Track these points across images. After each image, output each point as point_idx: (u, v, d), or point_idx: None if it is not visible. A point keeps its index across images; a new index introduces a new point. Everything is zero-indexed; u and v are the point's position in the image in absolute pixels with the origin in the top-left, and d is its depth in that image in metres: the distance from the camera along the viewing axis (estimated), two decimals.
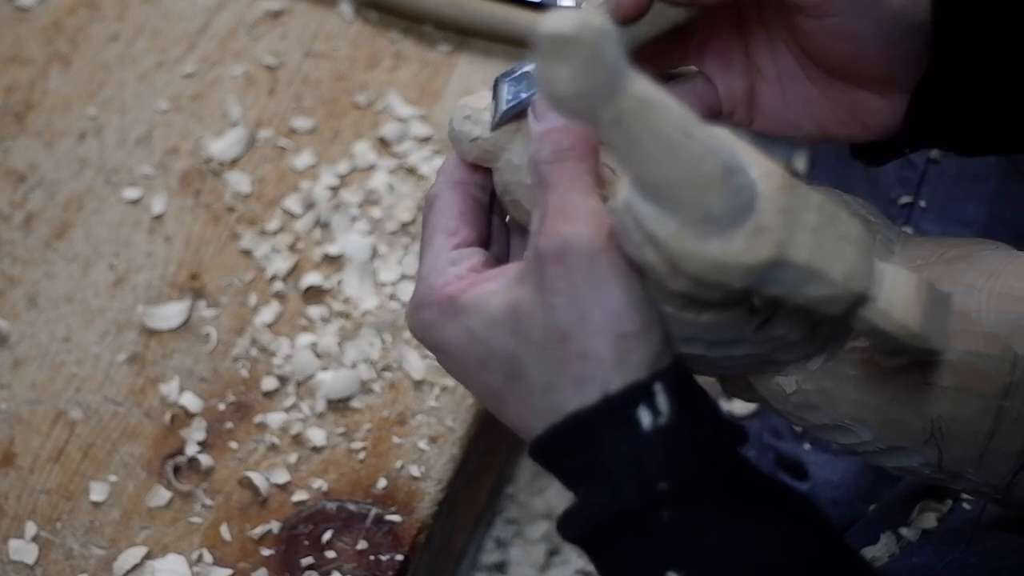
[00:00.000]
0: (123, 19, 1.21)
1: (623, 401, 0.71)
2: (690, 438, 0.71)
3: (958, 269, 0.78)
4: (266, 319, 1.07)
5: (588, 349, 0.71)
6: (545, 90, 0.63)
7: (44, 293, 1.08)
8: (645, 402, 0.71)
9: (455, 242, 0.78)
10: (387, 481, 1.00)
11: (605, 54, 0.62)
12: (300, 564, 0.97)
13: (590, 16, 0.62)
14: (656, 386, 0.71)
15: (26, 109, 1.17)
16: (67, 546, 0.98)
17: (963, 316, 0.76)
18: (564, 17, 0.62)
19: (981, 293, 0.77)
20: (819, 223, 0.69)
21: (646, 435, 0.71)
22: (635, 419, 0.71)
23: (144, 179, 1.13)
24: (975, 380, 0.76)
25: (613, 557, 0.72)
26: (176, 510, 1.00)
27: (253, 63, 1.18)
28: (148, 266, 1.09)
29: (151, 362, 1.05)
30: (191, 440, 1.02)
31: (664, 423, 0.71)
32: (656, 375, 0.72)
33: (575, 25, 0.62)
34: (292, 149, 1.14)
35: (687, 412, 0.72)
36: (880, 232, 0.80)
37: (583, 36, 0.62)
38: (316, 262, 1.09)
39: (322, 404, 1.03)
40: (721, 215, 0.67)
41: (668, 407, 0.71)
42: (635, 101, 0.64)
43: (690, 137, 0.65)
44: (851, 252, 0.69)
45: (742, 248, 0.67)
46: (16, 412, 1.03)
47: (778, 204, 0.68)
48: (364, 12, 1.21)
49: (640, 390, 0.71)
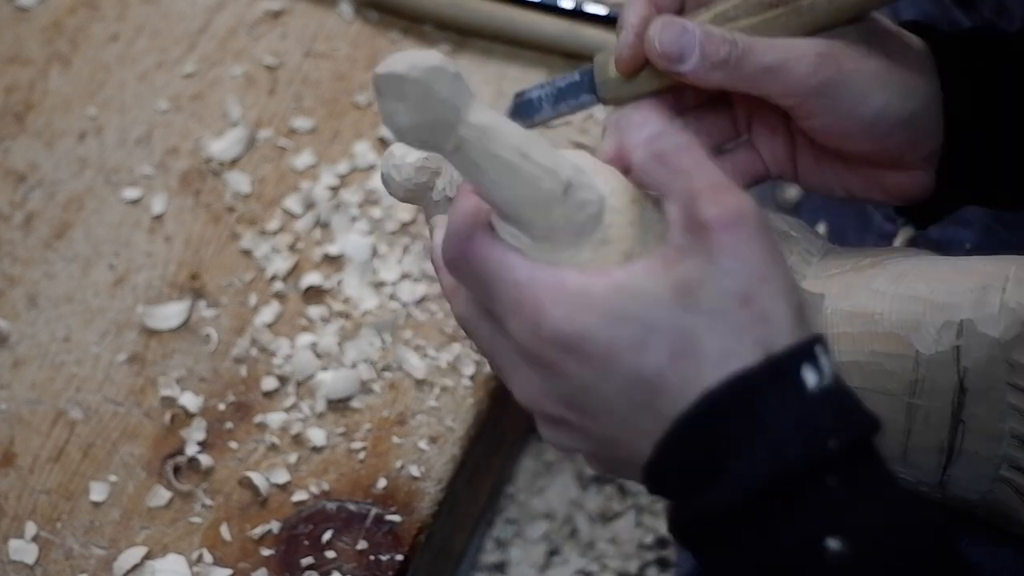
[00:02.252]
0: (123, 19, 1.21)
1: (788, 361, 0.69)
2: (852, 399, 0.70)
3: (868, 275, 0.83)
4: (266, 319, 1.07)
5: (770, 311, 0.69)
6: (387, 125, 0.69)
7: (44, 293, 1.08)
8: (809, 361, 0.69)
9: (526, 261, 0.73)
10: (387, 481, 1.00)
11: (437, 90, 0.68)
12: (300, 564, 0.97)
13: (424, 57, 0.68)
14: (817, 348, 0.69)
15: (26, 109, 1.17)
16: (67, 546, 0.98)
17: (868, 318, 0.82)
18: (399, 58, 0.68)
19: (885, 296, 0.82)
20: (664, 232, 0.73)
21: (812, 395, 0.68)
22: (800, 379, 0.68)
23: (144, 179, 1.13)
24: (882, 379, 0.82)
25: (757, 529, 0.68)
26: (176, 510, 1.00)
27: (253, 63, 1.18)
28: (148, 266, 1.09)
29: (151, 362, 1.05)
30: (191, 440, 1.02)
31: (828, 384, 0.69)
32: (815, 337, 0.70)
33: (406, 66, 0.68)
34: (292, 149, 1.14)
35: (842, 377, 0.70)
36: (798, 245, 0.84)
37: (412, 75, 0.68)
38: (316, 262, 1.09)
39: (322, 404, 1.03)
40: (566, 229, 0.72)
41: (830, 368, 0.69)
42: (473, 130, 0.70)
43: (528, 159, 0.71)
44: None
45: (590, 259, 0.72)
46: (16, 412, 1.03)
47: (626, 217, 0.73)
48: (364, 12, 1.21)
49: (804, 350, 0.69)
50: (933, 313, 0.81)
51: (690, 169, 0.71)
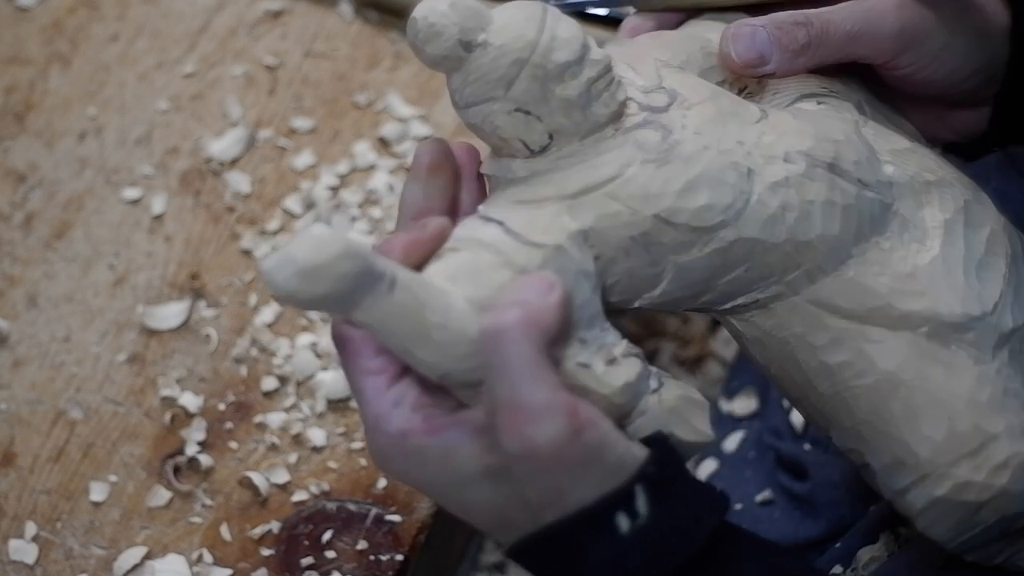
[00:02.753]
0: (123, 19, 1.21)
1: (601, 509, 0.72)
2: (670, 529, 0.73)
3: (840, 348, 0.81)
4: (266, 319, 1.07)
5: (570, 508, 0.73)
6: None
7: (44, 293, 1.08)
8: (624, 507, 0.72)
9: (385, 379, 0.76)
10: (387, 481, 1.00)
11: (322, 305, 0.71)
12: (300, 564, 0.97)
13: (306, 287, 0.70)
14: (636, 488, 0.73)
15: (26, 109, 1.17)
16: (67, 546, 0.98)
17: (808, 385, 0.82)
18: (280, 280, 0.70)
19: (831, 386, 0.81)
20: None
21: (625, 538, 0.72)
22: (614, 525, 0.72)
23: (144, 179, 1.13)
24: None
25: None
26: (176, 510, 1.00)
27: (253, 63, 1.18)
28: (148, 266, 1.09)
29: (151, 362, 1.05)
30: (191, 440, 1.02)
31: (643, 523, 0.72)
32: (636, 477, 0.73)
33: (287, 295, 0.70)
34: (292, 149, 1.14)
35: (666, 503, 0.73)
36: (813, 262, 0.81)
37: (294, 300, 0.70)
38: None
39: (322, 404, 1.03)
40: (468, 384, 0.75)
41: (647, 507, 0.72)
42: (366, 318, 0.72)
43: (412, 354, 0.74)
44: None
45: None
46: (16, 412, 1.03)
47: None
48: (364, 12, 1.21)
49: (618, 497, 0.72)
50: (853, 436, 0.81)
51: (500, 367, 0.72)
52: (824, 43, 0.82)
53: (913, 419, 0.78)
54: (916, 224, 0.81)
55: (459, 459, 0.74)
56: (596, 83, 0.77)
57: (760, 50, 0.81)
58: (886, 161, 0.82)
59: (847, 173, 0.80)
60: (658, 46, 0.84)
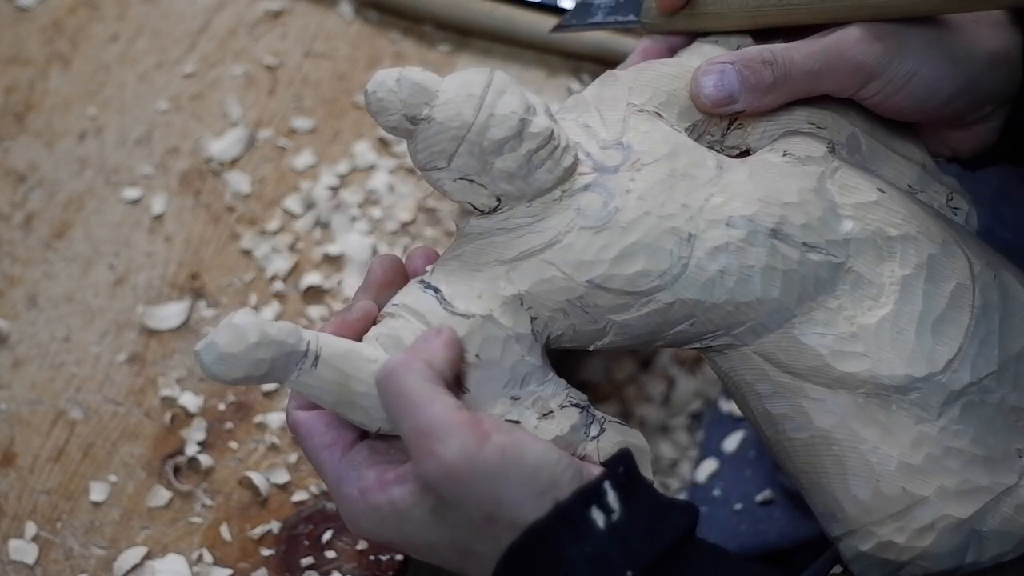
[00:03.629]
0: (123, 19, 1.21)
1: (576, 506, 0.74)
2: (643, 526, 0.74)
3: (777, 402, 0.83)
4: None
5: (517, 518, 0.75)
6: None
7: (44, 293, 1.08)
8: (597, 503, 0.74)
9: (339, 449, 0.81)
10: None
11: (245, 380, 0.77)
12: (300, 564, 0.97)
13: (226, 370, 0.76)
14: (605, 485, 0.75)
15: (26, 109, 1.17)
16: (67, 546, 0.98)
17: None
18: (207, 359, 0.76)
19: (763, 433, 0.84)
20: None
21: (602, 533, 0.74)
22: (590, 521, 0.74)
23: (144, 179, 1.13)
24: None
25: None
26: (176, 510, 1.00)
27: (253, 63, 1.18)
28: (148, 266, 1.09)
29: (151, 362, 1.05)
30: (191, 440, 1.02)
31: (617, 519, 0.74)
32: (604, 475, 0.76)
33: (211, 375, 0.76)
34: (292, 149, 1.14)
35: (636, 504, 0.75)
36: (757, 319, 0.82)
37: (222, 378, 0.76)
38: (316, 262, 1.09)
39: None
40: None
41: (619, 504, 0.75)
42: (295, 386, 0.79)
43: (344, 414, 0.80)
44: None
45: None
46: (16, 412, 1.03)
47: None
48: (364, 12, 1.21)
49: (591, 492, 0.75)
50: (794, 480, 0.84)
51: (399, 402, 0.76)
52: (788, 82, 0.84)
53: (843, 477, 0.81)
54: (872, 281, 0.83)
55: (406, 507, 0.77)
56: (537, 153, 0.80)
57: (729, 90, 0.84)
58: (847, 216, 0.83)
59: (790, 238, 0.82)
60: (642, 85, 0.86)
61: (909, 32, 0.84)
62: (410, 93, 0.80)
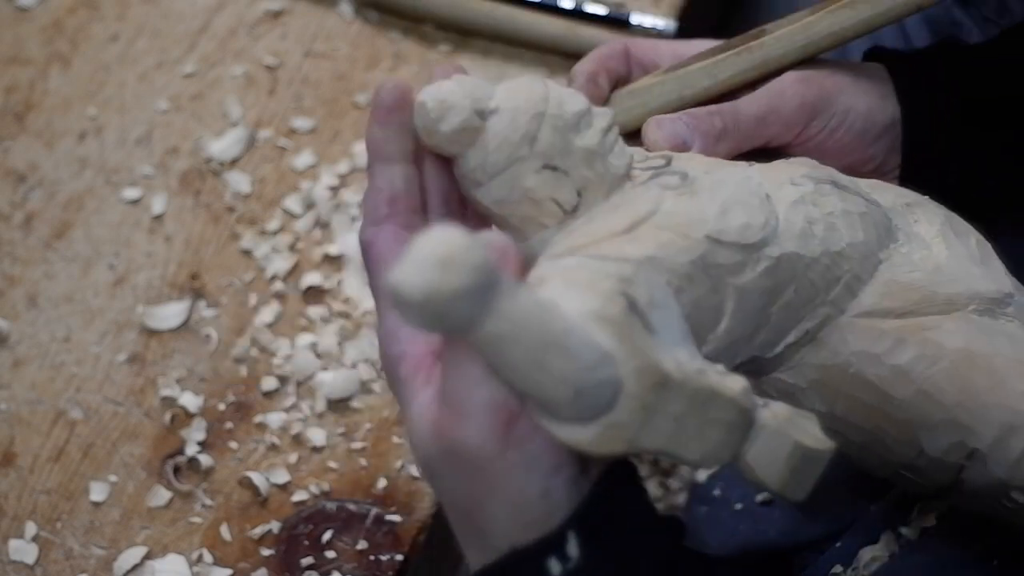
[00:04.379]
0: (123, 19, 1.21)
1: (531, 554, 0.72)
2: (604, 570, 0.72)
3: (905, 346, 0.81)
4: (266, 319, 1.07)
5: (488, 530, 0.73)
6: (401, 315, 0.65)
7: (44, 293, 1.08)
8: (555, 552, 0.72)
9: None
10: (387, 481, 1.00)
11: (452, 314, 0.65)
12: (300, 564, 0.97)
13: (441, 280, 0.63)
14: (569, 533, 0.72)
15: (26, 109, 1.17)
16: (67, 546, 0.98)
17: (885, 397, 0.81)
18: (413, 278, 0.63)
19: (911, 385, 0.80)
20: (687, 410, 0.71)
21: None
22: (545, 569, 0.72)
23: (144, 179, 1.13)
24: (880, 449, 0.82)
25: None
26: (176, 510, 1.00)
27: (253, 63, 1.18)
28: (148, 266, 1.09)
29: (151, 362, 1.05)
30: (191, 440, 1.02)
31: (573, 567, 0.72)
32: (569, 522, 0.72)
33: (421, 296, 0.63)
34: (292, 149, 1.14)
35: (603, 547, 0.72)
36: (850, 272, 0.82)
37: (428, 306, 0.64)
38: (316, 262, 1.09)
39: (322, 404, 1.03)
40: (572, 418, 0.70)
41: (578, 551, 0.72)
42: (487, 337, 0.67)
43: (543, 368, 0.68)
44: (715, 435, 0.72)
45: (591, 440, 0.71)
46: (16, 412, 1.03)
47: (642, 403, 0.70)
48: (364, 12, 1.21)
49: (551, 541, 0.72)
50: (951, 428, 0.80)
51: (447, 361, 0.71)
52: (737, 127, 0.87)
53: (1001, 383, 0.79)
54: (915, 236, 0.84)
55: (419, 423, 0.73)
56: (608, 133, 0.79)
57: (682, 136, 0.86)
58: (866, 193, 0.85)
59: (849, 188, 0.83)
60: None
61: (835, 75, 0.90)
62: (474, 86, 0.77)
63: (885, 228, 0.83)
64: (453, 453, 0.71)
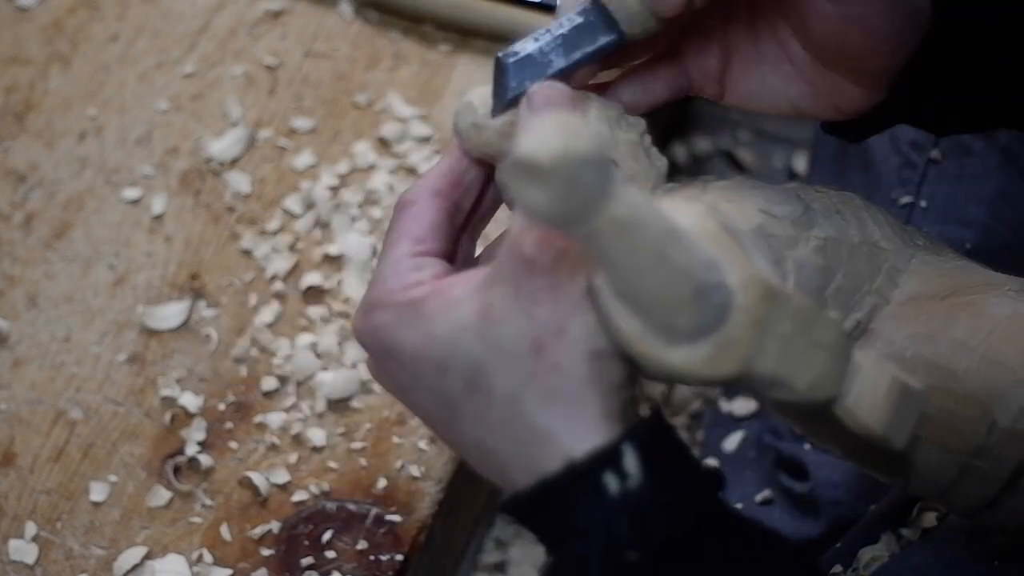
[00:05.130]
0: (123, 19, 1.21)
1: (589, 467, 0.69)
2: (659, 502, 0.70)
3: (957, 319, 0.79)
4: (266, 319, 1.07)
5: (563, 362, 0.70)
6: (520, 205, 0.64)
7: (44, 293, 1.08)
8: (612, 467, 0.69)
9: (420, 249, 0.76)
10: (387, 481, 1.00)
11: (581, 184, 0.64)
12: (300, 564, 0.97)
13: (570, 143, 0.63)
14: (625, 446, 0.70)
15: (26, 109, 1.17)
16: (67, 546, 0.98)
17: (948, 373, 0.78)
18: (544, 142, 0.63)
19: (973, 353, 0.78)
20: (793, 331, 0.70)
21: (613, 500, 0.69)
22: (602, 485, 0.69)
23: (144, 179, 1.13)
24: (946, 436, 0.78)
25: None
26: (176, 510, 1.00)
27: (253, 63, 1.18)
28: (148, 266, 1.09)
29: (151, 362, 1.05)
30: (191, 440, 1.02)
31: (633, 486, 0.69)
32: (625, 435, 0.70)
33: (553, 158, 0.62)
34: (292, 149, 1.14)
35: (658, 470, 0.70)
36: (888, 261, 0.81)
37: (559, 169, 0.63)
38: (316, 262, 1.09)
39: (322, 404, 1.03)
40: (688, 329, 0.68)
41: (637, 469, 0.69)
42: (610, 224, 0.65)
43: (663, 261, 0.67)
44: (821, 359, 0.71)
45: (704, 360, 0.69)
46: (16, 412, 1.03)
47: (753, 316, 0.69)
48: (364, 12, 1.21)
49: (607, 454, 0.70)
50: (1020, 390, 0.78)
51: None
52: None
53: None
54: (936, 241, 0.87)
55: (455, 306, 0.72)
56: (645, 135, 0.79)
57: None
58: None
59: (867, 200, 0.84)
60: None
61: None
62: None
63: (904, 230, 0.84)
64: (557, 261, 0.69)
